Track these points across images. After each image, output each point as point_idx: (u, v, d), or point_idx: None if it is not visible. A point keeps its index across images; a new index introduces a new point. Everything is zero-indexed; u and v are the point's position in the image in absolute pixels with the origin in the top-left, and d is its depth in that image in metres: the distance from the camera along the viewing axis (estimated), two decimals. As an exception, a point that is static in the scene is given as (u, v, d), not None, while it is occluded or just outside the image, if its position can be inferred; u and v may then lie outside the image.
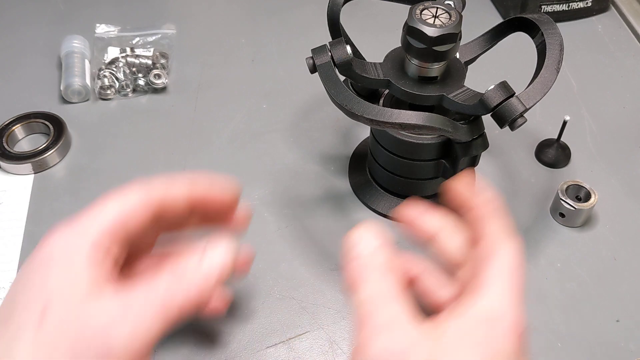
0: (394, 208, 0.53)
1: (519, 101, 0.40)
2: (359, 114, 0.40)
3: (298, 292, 0.48)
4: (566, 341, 0.45)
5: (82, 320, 0.30)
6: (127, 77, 0.65)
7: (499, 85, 0.40)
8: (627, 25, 0.74)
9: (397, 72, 0.45)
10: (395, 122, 0.39)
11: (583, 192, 0.52)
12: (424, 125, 0.39)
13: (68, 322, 0.30)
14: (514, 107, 0.40)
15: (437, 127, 0.40)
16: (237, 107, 0.64)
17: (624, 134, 0.61)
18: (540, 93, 0.40)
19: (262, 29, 0.74)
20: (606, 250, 0.51)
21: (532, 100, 0.40)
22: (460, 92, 0.44)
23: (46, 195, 0.56)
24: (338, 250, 0.51)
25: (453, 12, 0.41)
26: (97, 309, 0.30)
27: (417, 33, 0.41)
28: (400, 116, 0.39)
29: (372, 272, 0.32)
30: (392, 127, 0.40)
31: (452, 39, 0.41)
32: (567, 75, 0.66)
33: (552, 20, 0.43)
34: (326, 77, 0.42)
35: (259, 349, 0.45)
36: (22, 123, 0.61)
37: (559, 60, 0.41)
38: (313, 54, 0.43)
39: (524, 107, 0.39)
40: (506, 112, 0.40)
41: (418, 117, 0.39)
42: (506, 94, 0.40)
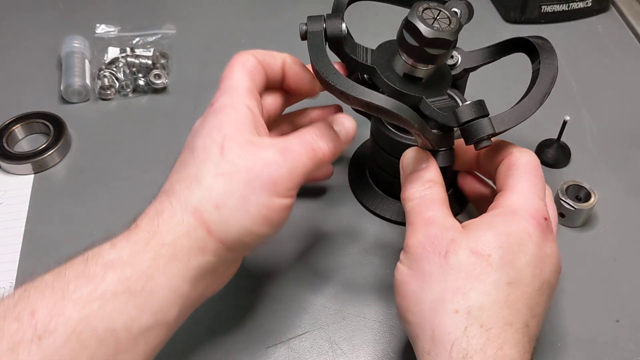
0: (393, 211, 0.53)
1: (490, 123, 0.39)
2: (332, 84, 0.39)
3: (298, 292, 0.48)
4: (566, 341, 0.45)
5: (253, 156, 0.37)
6: (127, 77, 0.65)
7: (474, 103, 0.40)
8: (627, 25, 0.74)
9: (385, 63, 0.44)
10: (363, 100, 0.38)
11: (583, 192, 0.52)
12: (391, 111, 0.38)
13: (242, 157, 0.37)
14: (483, 128, 0.39)
15: (405, 118, 0.39)
16: (237, 107, 0.64)
17: (624, 134, 0.61)
18: (515, 121, 0.40)
19: (262, 29, 0.74)
20: (606, 250, 0.51)
21: (504, 126, 0.40)
22: (440, 100, 0.43)
23: (46, 195, 0.56)
24: (338, 251, 0.51)
25: (454, 19, 0.41)
26: (262, 150, 0.38)
27: (412, 29, 0.40)
28: (371, 96, 0.38)
29: (422, 183, 0.40)
30: (359, 104, 0.39)
31: (445, 45, 0.40)
32: (567, 75, 0.66)
33: (554, 50, 0.43)
34: (313, 44, 0.41)
35: (259, 349, 0.45)
36: (22, 123, 0.61)
37: (546, 92, 0.41)
38: (308, 21, 0.42)
39: (492, 131, 0.39)
40: (473, 130, 0.40)
41: (387, 101, 0.38)
42: (479, 113, 0.40)
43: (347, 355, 0.45)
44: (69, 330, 0.32)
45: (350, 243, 0.52)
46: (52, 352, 0.31)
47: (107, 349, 0.33)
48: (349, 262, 0.51)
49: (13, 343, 0.31)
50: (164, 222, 0.36)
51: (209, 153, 0.37)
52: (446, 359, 0.34)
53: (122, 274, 0.34)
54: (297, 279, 0.49)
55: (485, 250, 0.35)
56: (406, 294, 0.37)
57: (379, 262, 0.51)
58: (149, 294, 0.34)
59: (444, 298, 0.35)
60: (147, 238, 0.35)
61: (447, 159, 0.43)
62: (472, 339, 0.33)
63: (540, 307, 0.36)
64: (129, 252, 0.35)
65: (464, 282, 0.35)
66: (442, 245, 0.36)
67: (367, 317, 0.47)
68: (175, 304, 0.36)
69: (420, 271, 0.36)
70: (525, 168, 0.39)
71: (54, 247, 0.52)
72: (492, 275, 0.35)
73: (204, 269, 0.37)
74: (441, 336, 0.34)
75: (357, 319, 0.47)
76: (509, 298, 0.35)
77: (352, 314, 0.47)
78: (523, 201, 0.37)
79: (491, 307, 0.34)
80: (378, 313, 0.47)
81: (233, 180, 0.36)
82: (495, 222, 0.37)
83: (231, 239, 0.37)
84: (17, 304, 0.33)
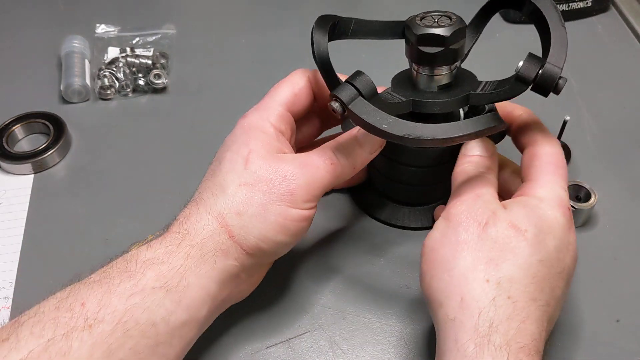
0: (391, 214, 0.53)
1: (552, 65, 0.40)
2: (427, 138, 0.38)
3: (298, 292, 0.48)
4: (566, 341, 0.45)
5: (274, 169, 0.40)
6: (127, 77, 0.65)
7: (528, 58, 0.40)
8: (627, 25, 0.74)
9: (412, 91, 0.44)
10: (470, 133, 0.38)
11: (583, 192, 0.52)
12: (488, 128, 0.39)
13: (263, 168, 0.40)
14: (552, 71, 0.40)
15: (496, 126, 0.39)
16: (237, 107, 0.64)
17: (624, 134, 0.61)
18: (563, 50, 0.40)
19: (262, 29, 0.74)
20: (606, 250, 0.51)
21: (561, 59, 0.40)
22: (485, 86, 0.43)
23: (46, 195, 0.56)
24: (338, 251, 0.51)
25: (449, 14, 0.42)
26: (283, 163, 0.40)
27: (428, 39, 0.41)
28: (468, 126, 0.39)
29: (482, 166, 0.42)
30: (468, 138, 0.39)
31: (464, 34, 0.41)
32: (567, 75, 0.66)
33: None
34: (366, 112, 0.39)
35: (259, 349, 0.45)
36: (22, 123, 0.61)
37: (560, 17, 0.41)
38: (337, 94, 0.40)
39: (558, 69, 0.39)
40: (547, 79, 0.40)
41: (479, 122, 0.39)
42: (539, 63, 0.40)
43: (347, 355, 0.45)
44: (116, 320, 0.35)
45: (350, 243, 0.52)
46: (102, 340, 0.34)
47: (148, 340, 0.36)
48: (349, 262, 0.51)
49: (67, 330, 0.34)
50: (192, 225, 0.39)
51: (234, 164, 0.41)
52: (472, 326, 0.34)
53: (159, 270, 0.37)
54: (297, 279, 0.49)
55: (523, 225, 0.37)
56: (435, 260, 0.38)
57: (379, 262, 0.51)
58: (183, 290, 0.37)
59: (476, 267, 0.36)
60: (178, 239, 0.39)
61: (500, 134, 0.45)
62: (499, 309, 0.34)
63: (559, 289, 0.37)
64: (163, 252, 0.38)
65: (498, 253, 0.36)
66: (484, 217, 0.37)
67: (367, 317, 0.47)
68: (205, 302, 0.39)
69: (456, 239, 0.37)
70: (547, 158, 0.41)
71: (54, 247, 0.52)
72: (526, 250, 0.36)
73: (228, 273, 0.40)
74: (469, 303, 0.35)
75: (357, 319, 0.47)
76: (538, 275, 0.36)
77: (352, 314, 0.47)
78: (548, 191, 0.39)
79: (521, 280, 0.35)
80: (378, 313, 0.47)
81: (254, 190, 0.40)
82: (529, 203, 0.38)
83: (250, 244, 0.40)
84: (68, 296, 0.36)
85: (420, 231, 0.52)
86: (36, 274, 0.50)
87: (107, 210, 0.55)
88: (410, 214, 0.53)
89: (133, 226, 0.53)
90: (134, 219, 0.54)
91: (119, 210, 0.55)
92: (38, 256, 0.51)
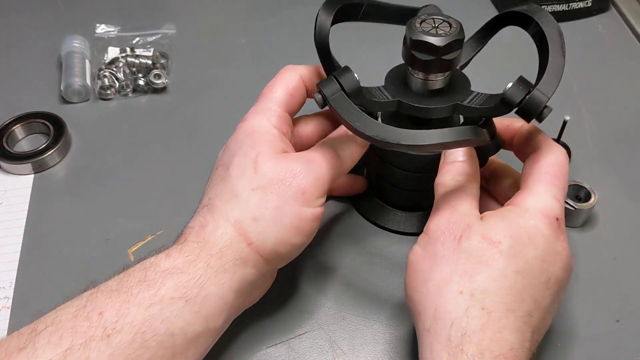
0: (391, 220, 0.53)
1: (541, 92, 0.39)
2: (394, 142, 0.38)
3: (298, 292, 0.48)
4: (566, 341, 0.45)
5: (284, 167, 0.40)
6: (127, 77, 0.65)
7: (518, 81, 0.40)
8: (627, 25, 0.74)
9: (403, 90, 0.44)
10: (436, 143, 0.38)
11: (583, 192, 0.52)
12: (462, 140, 0.39)
13: (273, 169, 0.40)
14: (538, 99, 0.39)
15: (473, 139, 0.39)
16: (237, 107, 0.64)
17: (624, 134, 0.61)
18: (556, 80, 0.40)
19: (262, 29, 0.74)
20: (606, 250, 0.51)
21: (551, 89, 0.40)
22: (473, 98, 0.43)
23: (46, 195, 0.56)
24: (338, 251, 0.51)
25: (451, 20, 0.41)
26: (290, 161, 0.40)
27: (423, 46, 0.40)
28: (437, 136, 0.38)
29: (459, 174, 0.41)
30: (433, 149, 0.39)
31: (459, 45, 0.41)
32: (567, 75, 0.65)
33: (543, 9, 0.43)
34: (343, 108, 0.40)
35: (259, 349, 0.45)
36: (22, 123, 0.61)
37: (562, 44, 0.41)
38: (321, 87, 0.41)
39: (546, 98, 0.39)
40: (531, 106, 0.39)
41: (453, 133, 0.39)
42: (527, 88, 0.40)
43: (347, 355, 0.45)
44: (134, 331, 0.35)
45: (350, 243, 0.52)
46: (120, 351, 0.34)
47: (166, 351, 0.36)
48: (350, 262, 0.51)
49: (85, 340, 0.34)
50: (209, 234, 0.39)
51: (244, 169, 0.40)
52: (445, 336, 0.35)
53: (179, 280, 0.37)
54: (297, 279, 0.49)
55: (496, 237, 0.37)
56: (415, 274, 0.39)
57: (379, 262, 0.51)
58: (203, 301, 0.37)
59: (451, 279, 0.36)
60: (198, 249, 0.38)
61: (497, 146, 0.44)
62: (472, 320, 0.35)
63: (545, 300, 0.37)
64: (183, 262, 0.38)
65: (472, 266, 0.36)
66: (458, 230, 0.38)
67: (367, 317, 0.47)
68: (222, 312, 0.39)
69: (433, 253, 0.38)
70: (547, 168, 0.40)
71: (54, 247, 0.52)
72: (500, 262, 0.36)
73: (246, 281, 0.40)
74: (442, 314, 0.36)
75: (357, 319, 0.47)
76: (515, 286, 0.36)
77: (352, 314, 0.47)
78: (536, 201, 0.39)
79: (495, 292, 0.35)
80: (378, 313, 0.47)
81: (267, 192, 0.39)
82: (508, 214, 0.38)
83: (268, 250, 0.40)
84: (86, 305, 0.35)
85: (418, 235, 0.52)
86: (36, 274, 0.50)
87: (107, 210, 0.55)
88: (407, 220, 0.52)
89: (133, 226, 0.53)
90: (134, 219, 0.54)
91: (119, 210, 0.55)
92: (38, 256, 0.51)
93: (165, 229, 0.53)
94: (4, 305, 0.48)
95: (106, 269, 0.50)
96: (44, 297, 0.49)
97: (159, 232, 0.52)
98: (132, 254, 0.51)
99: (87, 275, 0.50)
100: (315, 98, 0.41)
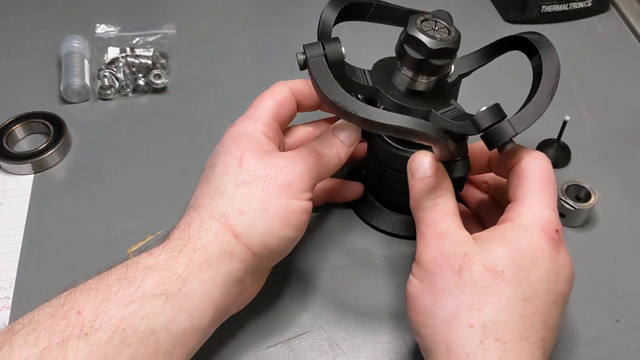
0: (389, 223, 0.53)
1: (510, 125, 0.39)
2: (352, 113, 0.38)
3: (298, 292, 0.49)
4: (566, 341, 0.45)
5: (268, 163, 0.40)
6: (127, 77, 0.65)
7: (491, 108, 0.40)
8: (627, 25, 0.74)
9: (385, 81, 0.44)
10: (391, 125, 0.38)
11: (583, 192, 0.52)
12: (420, 132, 0.38)
13: (258, 165, 0.40)
14: (505, 131, 0.39)
15: (433, 136, 0.38)
16: (237, 107, 0.64)
17: (624, 134, 0.61)
18: (533, 119, 0.40)
19: (261, 29, 0.74)
20: (606, 250, 0.51)
21: (523, 126, 0.39)
22: (449, 110, 0.43)
23: (46, 195, 0.56)
24: (337, 251, 0.51)
25: (452, 28, 0.41)
26: (275, 158, 0.41)
27: (415, 42, 0.40)
28: (396, 119, 0.38)
29: (433, 191, 0.40)
30: (386, 129, 0.38)
31: (450, 54, 0.41)
32: (567, 75, 0.66)
33: (551, 43, 0.43)
34: (318, 72, 0.40)
35: (259, 349, 0.45)
36: (22, 123, 0.61)
37: (554, 86, 0.41)
38: (305, 49, 0.41)
39: (514, 132, 0.39)
40: (496, 135, 0.39)
41: (415, 122, 0.38)
42: (498, 117, 0.39)
43: (347, 355, 0.45)
44: (113, 328, 0.34)
45: (350, 243, 0.52)
46: (98, 348, 0.34)
47: (147, 348, 0.35)
48: (349, 262, 0.51)
49: (62, 338, 0.33)
50: (194, 230, 0.39)
51: (229, 166, 0.41)
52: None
53: (160, 277, 0.37)
54: (297, 279, 0.49)
55: (499, 266, 0.36)
56: (419, 308, 0.37)
57: (379, 262, 0.51)
58: (185, 297, 0.37)
59: (458, 314, 0.35)
60: (180, 245, 0.38)
61: (465, 167, 0.43)
62: (488, 352, 0.34)
63: (554, 319, 0.37)
64: (164, 258, 0.38)
65: (478, 298, 0.35)
66: (456, 261, 0.36)
67: (367, 317, 0.47)
68: (208, 310, 0.38)
69: (433, 286, 0.37)
70: (535, 176, 0.39)
71: (54, 247, 0.52)
72: (507, 292, 0.35)
73: (232, 277, 0.39)
74: (456, 349, 0.35)
75: (357, 318, 0.47)
76: (524, 313, 0.35)
77: (352, 313, 0.47)
78: (533, 214, 0.38)
79: (507, 322, 0.35)
80: (378, 313, 0.47)
81: (252, 186, 0.40)
82: (508, 237, 0.37)
83: (256, 242, 0.40)
84: (64, 304, 0.35)
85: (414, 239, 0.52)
86: (36, 274, 0.50)
87: (107, 210, 0.55)
88: (403, 222, 0.52)
89: (133, 226, 0.53)
90: (134, 219, 0.54)
91: (119, 210, 0.55)
92: (38, 256, 0.51)
93: (165, 229, 0.52)
94: (4, 305, 0.48)
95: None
96: (44, 297, 0.48)
97: (159, 232, 0.52)
98: (132, 253, 0.51)
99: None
100: (297, 57, 0.41)
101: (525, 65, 0.44)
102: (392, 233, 0.52)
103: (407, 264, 0.50)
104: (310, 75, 0.40)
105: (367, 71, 0.45)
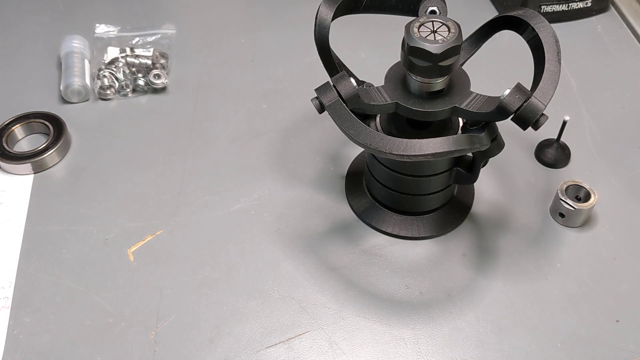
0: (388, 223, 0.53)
1: (538, 100, 0.39)
2: (386, 151, 0.39)
3: (298, 292, 0.48)
4: (566, 341, 0.45)
5: None
6: (126, 77, 0.65)
7: (515, 89, 0.40)
8: (627, 25, 0.74)
9: (402, 92, 0.44)
10: (428, 154, 0.38)
11: (583, 192, 0.52)
12: (456, 150, 0.39)
13: None
14: (535, 107, 0.39)
15: (468, 148, 0.39)
16: (237, 107, 0.64)
17: (624, 134, 0.61)
18: (552, 88, 0.40)
19: (262, 29, 0.74)
20: (606, 250, 0.51)
21: (547, 97, 0.39)
22: (472, 100, 0.43)
23: (46, 195, 0.56)
24: (337, 251, 0.51)
25: (450, 23, 0.41)
26: None
27: (420, 52, 0.40)
28: (430, 146, 0.38)
29: None
30: (424, 158, 0.39)
31: (456, 52, 0.40)
32: (567, 75, 0.66)
33: (539, 14, 0.42)
34: (339, 117, 0.40)
35: (259, 349, 0.45)
36: (22, 123, 0.61)
37: (558, 51, 0.41)
38: (318, 94, 0.41)
39: (543, 106, 0.39)
40: (528, 113, 0.39)
41: (446, 143, 0.38)
42: (524, 96, 0.39)
43: (347, 355, 0.45)
44: None
45: (350, 243, 0.52)
46: None
47: None
48: (349, 262, 0.51)
49: None
50: None
51: None
52: None
53: None
54: (297, 279, 0.49)
55: None
56: None
57: (379, 262, 0.51)
58: None
59: None
60: None
61: (499, 147, 0.44)
62: None
63: None
64: None
65: None
66: None
67: (367, 317, 0.47)
68: None
69: None
70: None
71: (54, 247, 0.52)
72: None
73: None
74: None
75: (357, 319, 0.47)
76: None
77: (352, 314, 0.47)
78: None
79: None
80: (377, 313, 0.47)
81: None
82: None
83: None
84: None
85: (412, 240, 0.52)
86: (36, 274, 0.50)
87: (107, 210, 0.55)
88: (401, 223, 0.52)
89: (133, 226, 0.53)
90: (134, 219, 0.54)
91: (119, 210, 0.55)
92: (38, 256, 0.51)
93: (165, 229, 0.53)
94: (4, 305, 0.48)
95: (106, 269, 0.50)
96: (44, 297, 0.49)
97: (159, 232, 0.52)
98: (131, 254, 0.51)
99: (87, 275, 0.50)
100: (313, 103, 0.42)
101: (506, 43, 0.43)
102: (392, 233, 0.52)
103: (407, 264, 0.50)
104: (333, 120, 0.41)
105: (381, 87, 0.45)
